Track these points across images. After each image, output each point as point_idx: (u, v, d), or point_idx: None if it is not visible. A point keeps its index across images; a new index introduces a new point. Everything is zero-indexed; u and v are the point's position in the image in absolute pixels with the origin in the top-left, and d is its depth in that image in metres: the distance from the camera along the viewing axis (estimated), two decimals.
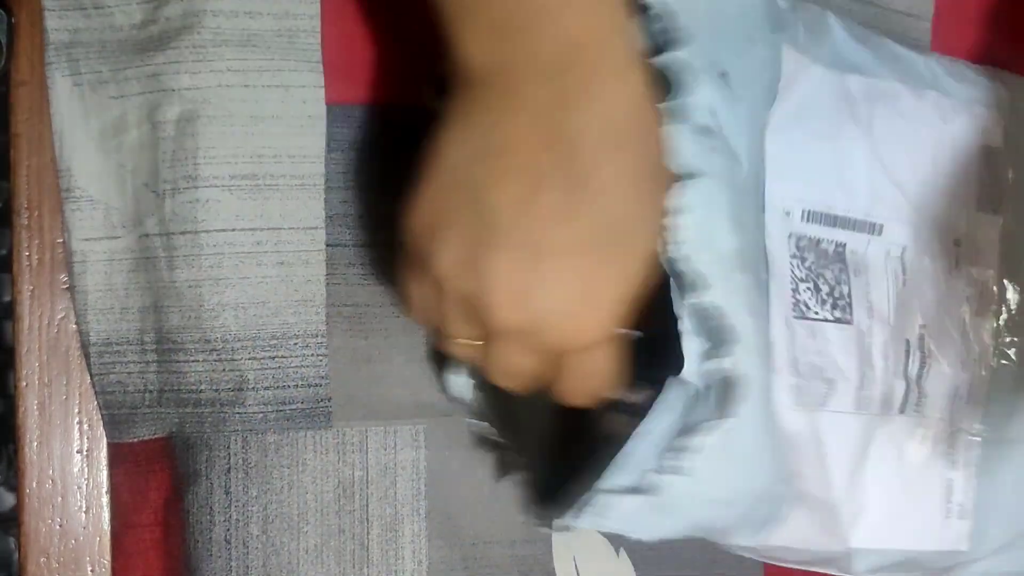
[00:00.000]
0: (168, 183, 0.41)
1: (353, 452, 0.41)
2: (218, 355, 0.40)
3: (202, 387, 0.40)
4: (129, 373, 0.42)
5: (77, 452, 0.42)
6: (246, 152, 0.41)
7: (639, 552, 0.45)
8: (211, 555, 0.40)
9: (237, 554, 0.40)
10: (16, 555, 0.42)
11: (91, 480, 0.42)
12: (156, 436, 0.42)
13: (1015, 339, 0.46)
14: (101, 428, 0.42)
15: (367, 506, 0.41)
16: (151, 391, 0.41)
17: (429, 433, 0.43)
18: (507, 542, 0.44)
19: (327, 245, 0.42)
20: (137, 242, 0.41)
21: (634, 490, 0.32)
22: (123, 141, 0.42)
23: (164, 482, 0.42)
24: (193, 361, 0.40)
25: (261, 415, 0.41)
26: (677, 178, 0.31)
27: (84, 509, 0.42)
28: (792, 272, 0.40)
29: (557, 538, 0.44)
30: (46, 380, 0.42)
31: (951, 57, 0.47)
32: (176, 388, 0.41)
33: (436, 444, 0.43)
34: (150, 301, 0.41)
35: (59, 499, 0.42)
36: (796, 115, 0.40)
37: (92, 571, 0.42)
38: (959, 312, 0.45)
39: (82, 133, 0.42)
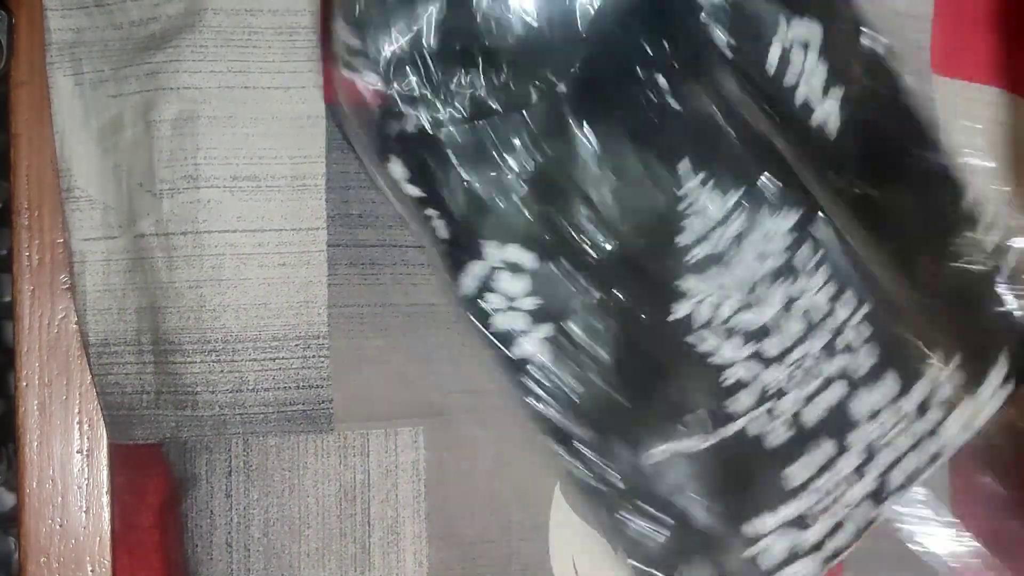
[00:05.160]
0: (166, 183, 0.40)
1: (355, 455, 0.41)
2: (217, 356, 0.40)
3: (198, 388, 0.40)
4: (127, 374, 0.41)
5: (77, 452, 0.42)
6: (247, 153, 0.41)
7: None
8: (211, 558, 0.40)
9: (238, 557, 0.40)
10: (16, 555, 0.42)
11: (91, 480, 0.42)
12: (155, 440, 0.41)
13: None
14: (101, 428, 0.42)
15: (368, 509, 0.41)
16: (148, 392, 0.41)
17: (428, 434, 0.42)
18: (506, 542, 0.44)
19: (328, 245, 0.42)
20: (132, 242, 0.41)
21: None
22: (119, 140, 0.41)
23: (165, 484, 0.42)
24: (190, 362, 0.40)
25: (262, 416, 0.41)
26: None
27: (84, 509, 0.42)
28: None
29: (555, 538, 0.44)
30: (46, 380, 0.42)
31: None
32: (173, 389, 0.41)
33: (435, 445, 0.42)
34: (147, 302, 0.41)
35: (59, 499, 0.42)
36: None
37: (92, 571, 0.42)
38: None
39: (83, 133, 0.42)
